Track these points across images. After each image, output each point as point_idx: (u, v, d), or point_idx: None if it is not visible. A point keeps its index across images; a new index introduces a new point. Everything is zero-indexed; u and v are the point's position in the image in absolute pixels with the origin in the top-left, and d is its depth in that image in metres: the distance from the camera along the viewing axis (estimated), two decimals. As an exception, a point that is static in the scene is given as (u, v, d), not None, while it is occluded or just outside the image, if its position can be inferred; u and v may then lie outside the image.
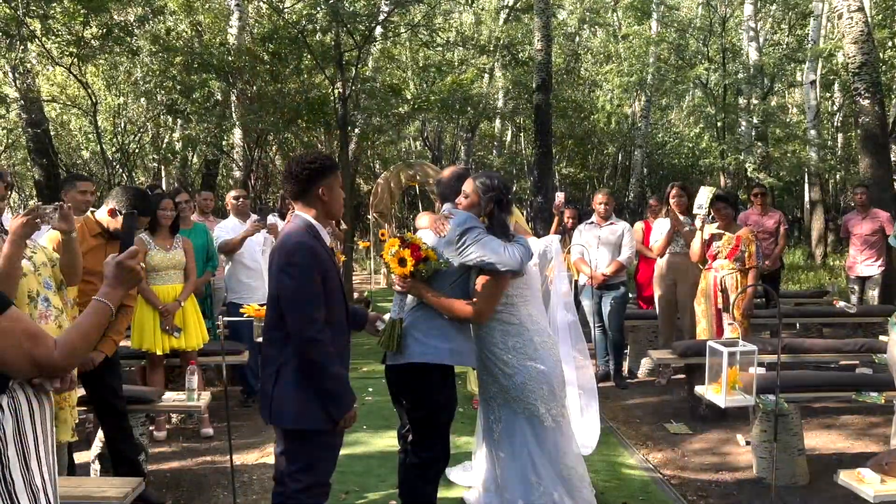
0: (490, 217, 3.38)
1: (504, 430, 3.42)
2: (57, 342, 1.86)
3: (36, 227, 3.05)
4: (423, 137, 21.78)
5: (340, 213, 3.11)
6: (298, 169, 2.89)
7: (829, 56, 18.29)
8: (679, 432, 5.35)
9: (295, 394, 2.83)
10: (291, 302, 2.77)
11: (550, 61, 12.95)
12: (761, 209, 7.89)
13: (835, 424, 5.45)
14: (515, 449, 3.39)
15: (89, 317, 1.96)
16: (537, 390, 3.38)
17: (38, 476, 1.90)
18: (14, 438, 1.84)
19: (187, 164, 15.91)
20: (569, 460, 3.46)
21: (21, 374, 1.85)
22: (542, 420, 3.37)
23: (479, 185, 3.39)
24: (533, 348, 3.42)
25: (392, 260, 3.25)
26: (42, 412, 1.94)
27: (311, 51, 11.30)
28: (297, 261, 2.78)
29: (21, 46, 9.98)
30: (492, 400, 3.46)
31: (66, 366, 1.89)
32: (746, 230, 5.85)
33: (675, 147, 22.23)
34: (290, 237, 2.85)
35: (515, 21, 20.32)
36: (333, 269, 2.92)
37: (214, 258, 6.04)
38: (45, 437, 1.95)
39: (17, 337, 1.79)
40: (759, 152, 16.62)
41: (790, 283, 13.29)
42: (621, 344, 6.80)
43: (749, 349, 3.66)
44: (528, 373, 3.38)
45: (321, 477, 2.96)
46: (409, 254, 3.20)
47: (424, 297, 3.28)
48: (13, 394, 1.86)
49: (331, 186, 2.94)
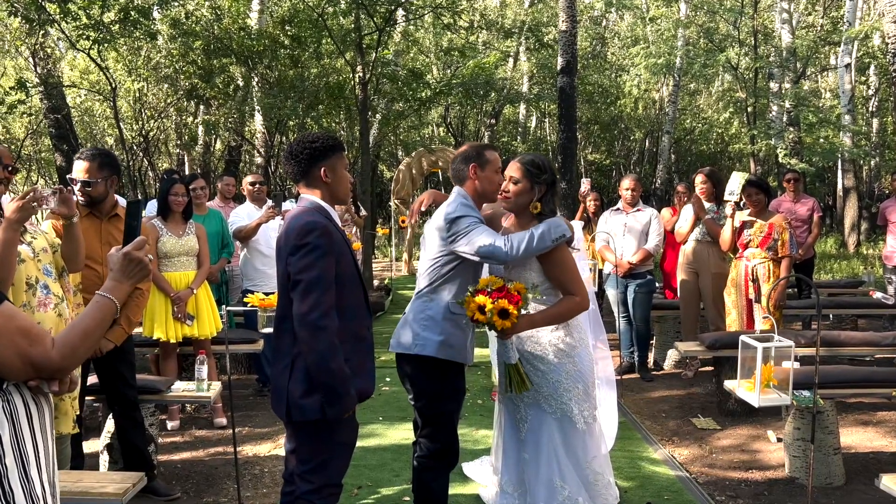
0: (542, 202, 3.16)
1: (531, 431, 3.23)
2: (55, 341, 1.71)
3: (32, 211, 2.92)
4: (447, 123, 21.58)
5: (347, 196, 2.94)
6: (299, 149, 2.74)
7: (864, 38, 17.73)
8: (706, 428, 5.14)
9: (309, 386, 2.67)
10: (301, 284, 2.61)
11: (575, 42, 12.63)
12: (794, 196, 7.59)
13: (871, 421, 5.20)
14: (541, 450, 3.20)
15: (91, 313, 1.80)
16: (572, 389, 3.19)
17: (38, 484, 1.75)
18: (12, 445, 1.69)
19: (209, 150, 15.90)
20: (597, 465, 3.26)
21: (16, 375, 1.69)
22: (575, 421, 3.18)
23: (528, 169, 3.14)
24: (571, 345, 3.23)
25: (495, 319, 2.93)
26: (41, 416, 1.78)
27: (331, 34, 11.14)
28: (311, 241, 2.62)
29: (41, 31, 9.95)
30: (518, 399, 3.25)
31: (66, 366, 1.73)
32: (780, 217, 5.59)
33: (704, 133, 21.80)
34: (299, 218, 2.69)
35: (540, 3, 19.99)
36: (348, 251, 2.77)
37: (230, 245, 5.93)
38: (45, 443, 1.80)
39: (11, 335, 1.64)
40: (791, 138, 16.17)
41: (822, 273, 12.93)
42: (647, 335, 6.59)
43: (785, 344, 3.44)
44: (564, 370, 3.19)
45: (334, 477, 2.81)
46: (507, 303, 2.94)
47: (528, 328, 3.10)
48: (8, 396, 1.70)
49: (333, 167, 2.78)
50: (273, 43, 11.66)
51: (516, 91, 19.82)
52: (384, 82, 12.40)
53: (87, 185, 3.63)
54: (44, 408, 1.80)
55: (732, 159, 22.72)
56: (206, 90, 11.60)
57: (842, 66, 17.49)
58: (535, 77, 21.66)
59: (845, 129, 17.14)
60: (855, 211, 17.33)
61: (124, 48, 11.93)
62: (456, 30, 13.28)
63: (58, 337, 1.73)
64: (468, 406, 5.59)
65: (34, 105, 12.29)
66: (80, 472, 3.26)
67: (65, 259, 3.29)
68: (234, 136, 13.25)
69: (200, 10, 12.13)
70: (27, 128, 15.74)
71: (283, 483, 2.97)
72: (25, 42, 10.22)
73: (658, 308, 6.79)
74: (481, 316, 2.93)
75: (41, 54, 10.58)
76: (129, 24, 9.91)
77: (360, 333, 2.83)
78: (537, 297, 3.12)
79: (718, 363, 5.44)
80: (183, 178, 5.82)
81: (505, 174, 3.22)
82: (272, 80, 12.22)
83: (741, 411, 5.28)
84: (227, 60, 11.45)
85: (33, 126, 15.18)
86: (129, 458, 3.92)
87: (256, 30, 11.93)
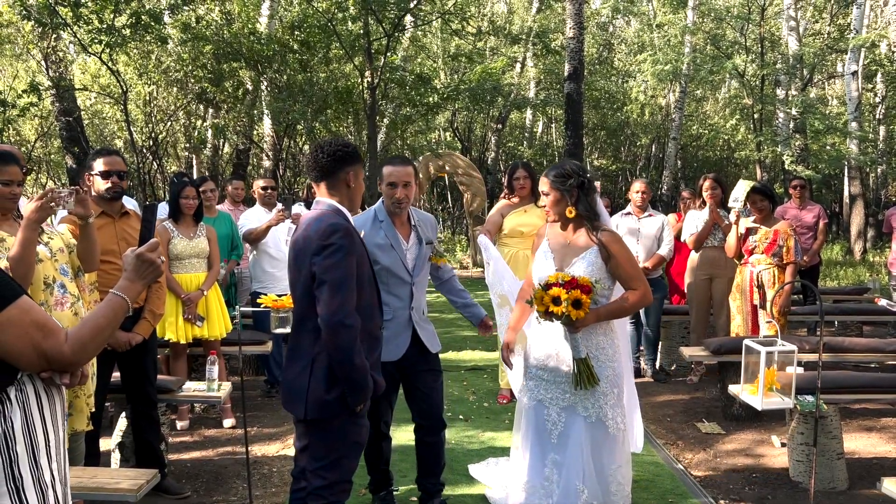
0: (576, 205, 3.27)
1: (563, 434, 3.28)
2: (68, 335, 1.78)
3: (51, 212, 2.99)
4: (454, 128, 21.64)
5: (359, 204, 3.06)
6: (330, 150, 2.85)
7: (872, 46, 17.74)
8: (711, 432, 5.18)
9: (329, 385, 2.76)
10: (327, 284, 2.69)
11: (582, 49, 12.70)
12: (800, 202, 7.62)
13: (875, 427, 5.22)
14: (569, 454, 3.25)
15: (103, 311, 1.87)
16: (609, 394, 3.26)
17: (48, 472, 1.82)
18: (23, 433, 1.76)
19: (218, 153, 16.00)
20: (620, 475, 3.29)
21: (30, 366, 1.77)
22: (608, 426, 3.24)
23: (553, 179, 3.28)
24: (614, 349, 3.31)
25: (570, 309, 3.02)
26: (52, 406, 1.85)
27: (340, 39, 11.23)
28: (335, 241, 2.71)
29: (53, 35, 10.06)
30: (551, 403, 3.31)
31: (76, 360, 1.80)
32: (785, 224, 5.62)
33: (710, 139, 21.81)
34: (321, 220, 2.77)
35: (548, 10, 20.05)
36: (365, 253, 2.88)
37: (239, 247, 5.99)
38: (56, 433, 1.87)
39: (26, 327, 1.72)
40: (798, 145, 16.18)
41: (828, 280, 12.93)
42: (657, 340, 6.64)
43: (788, 349, 3.47)
44: (604, 375, 3.26)
45: (345, 474, 2.88)
46: (580, 293, 3.04)
47: (594, 321, 3.20)
48: (22, 386, 1.77)
49: (357, 174, 2.91)
50: (282, 48, 11.76)
51: (523, 96, 19.87)
52: (392, 87, 12.48)
53: (121, 177, 3.79)
54: (55, 400, 1.87)
55: (738, 166, 22.71)
56: (216, 94, 11.69)
57: (849, 73, 17.49)
58: (542, 82, 21.73)
59: (852, 137, 17.14)
60: (861, 218, 17.31)
61: (135, 52, 12.05)
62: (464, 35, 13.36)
63: (70, 332, 1.80)
64: (474, 409, 5.64)
65: (45, 108, 12.40)
66: (95, 469, 3.33)
67: (80, 258, 3.36)
68: (242, 140, 13.33)
69: (211, 14, 12.24)
70: (37, 130, 15.86)
71: (292, 481, 3.04)
72: (38, 45, 10.32)
73: (664, 313, 6.82)
74: (556, 308, 3.02)
75: (53, 57, 10.68)
76: (141, 29, 10.02)
77: (374, 333, 2.93)
78: (596, 290, 3.19)
79: (723, 368, 5.47)
80: (193, 181, 5.89)
81: (539, 190, 3.39)
82: (281, 84, 12.31)
83: (745, 416, 5.32)
84: (236, 65, 11.54)
85: (44, 128, 15.30)
86: (142, 455, 3.98)
87: (266, 34, 12.02)
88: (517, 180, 5.56)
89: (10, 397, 1.75)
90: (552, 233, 3.43)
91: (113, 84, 12.66)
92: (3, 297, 1.73)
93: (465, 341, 7.97)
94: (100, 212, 3.75)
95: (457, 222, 23.20)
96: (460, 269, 15.36)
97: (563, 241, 3.35)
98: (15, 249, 2.88)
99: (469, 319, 3.85)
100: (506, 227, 5.55)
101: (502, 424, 5.15)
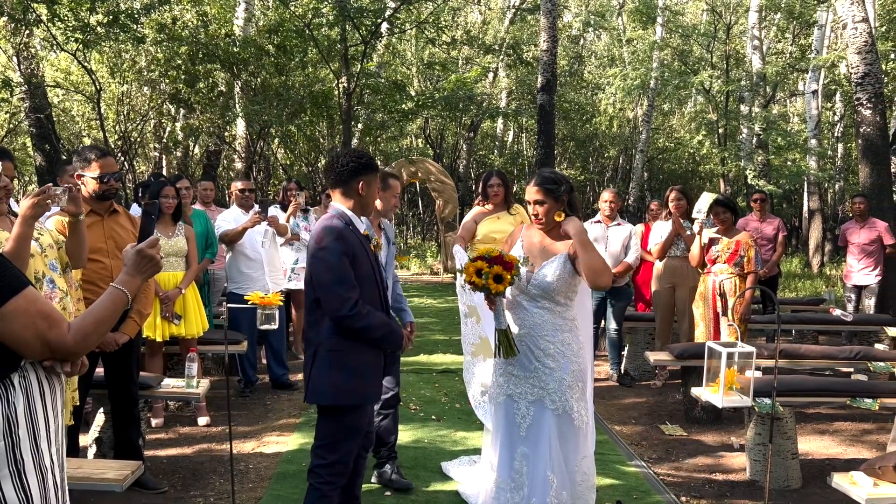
0: (570, 206, 3.46)
1: (531, 427, 3.43)
2: (71, 326, 1.87)
3: (46, 208, 3.06)
4: (426, 135, 21.80)
5: (371, 211, 3.33)
6: (346, 160, 3.09)
7: (831, 66, 18.35)
8: (674, 434, 5.38)
9: (330, 373, 2.98)
10: (323, 284, 2.94)
11: (555, 61, 12.96)
12: (761, 215, 7.92)
13: (828, 430, 5.48)
14: (540, 446, 3.40)
15: (104, 303, 1.96)
16: (574, 387, 3.42)
17: (48, 457, 1.91)
18: (25, 418, 1.85)
19: (188, 154, 15.93)
20: (585, 466, 3.47)
21: (34, 354, 1.86)
22: (574, 418, 3.40)
23: (547, 188, 3.41)
24: (578, 346, 3.47)
25: (490, 282, 3.19)
26: (53, 393, 1.95)
27: (316, 44, 11.32)
28: (325, 244, 2.95)
29: (26, 31, 9.97)
30: (520, 397, 3.47)
31: (78, 350, 1.90)
32: (746, 235, 5.89)
33: (676, 152, 22.28)
34: (321, 224, 3.04)
35: (521, 22, 20.34)
36: (363, 253, 3.07)
37: (214, 245, 6.04)
38: (56, 419, 1.96)
39: (32, 317, 1.81)
40: (760, 160, 16.66)
41: (786, 291, 13.34)
42: (620, 345, 6.85)
43: (747, 350, 3.69)
44: (570, 369, 3.42)
45: (343, 457, 3.09)
46: (501, 269, 3.20)
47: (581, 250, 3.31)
48: (25, 373, 1.87)
49: (369, 183, 3.14)
50: (258, 51, 11.80)
51: (495, 106, 20.12)
52: (367, 93, 12.59)
53: (116, 179, 3.85)
54: (56, 387, 1.97)
55: (703, 179, 23.24)
56: (190, 95, 11.68)
57: (809, 92, 18.08)
58: (514, 93, 22.02)
59: (811, 153, 17.70)
60: (819, 232, 17.85)
61: (108, 51, 11.98)
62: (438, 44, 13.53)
63: (73, 322, 1.90)
64: (446, 410, 5.77)
65: (14, 104, 12.25)
66: (80, 460, 3.39)
67: (69, 255, 3.42)
68: (214, 141, 13.31)
69: (187, 14, 12.23)
70: (2, 126, 15.62)
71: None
72: (10, 41, 10.22)
73: (630, 319, 7.04)
74: (478, 279, 3.20)
75: (25, 53, 10.58)
76: (117, 28, 9.99)
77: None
78: (524, 266, 3.36)
79: (686, 372, 5.69)
80: (170, 180, 5.93)
81: (527, 199, 3.48)
82: (256, 86, 12.34)
83: (707, 419, 5.54)
84: (211, 66, 11.55)
85: (12, 125, 15.08)
86: (121, 451, 4.02)
87: (242, 37, 12.05)
88: (491, 187, 5.72)
89: (13, 383, 1.84)
90: (528, 235, 3.58)
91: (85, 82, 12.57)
92: (11, 287, 1.82)
93: (437, 345, 8.11)
94: (88, 210, 3.82)
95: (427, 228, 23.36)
96: (430, 275, 15.49)
97: (538, 245, 3.51)
98: (9, 245, 2.94)
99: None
100: (479, 234, 5.70)
101: (474, 425, 5.28)
